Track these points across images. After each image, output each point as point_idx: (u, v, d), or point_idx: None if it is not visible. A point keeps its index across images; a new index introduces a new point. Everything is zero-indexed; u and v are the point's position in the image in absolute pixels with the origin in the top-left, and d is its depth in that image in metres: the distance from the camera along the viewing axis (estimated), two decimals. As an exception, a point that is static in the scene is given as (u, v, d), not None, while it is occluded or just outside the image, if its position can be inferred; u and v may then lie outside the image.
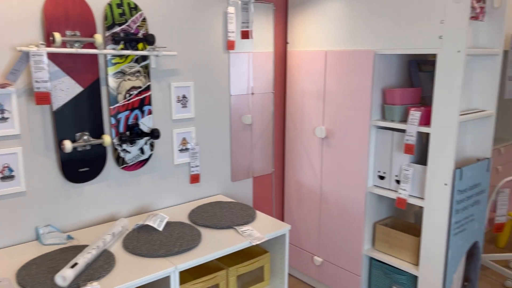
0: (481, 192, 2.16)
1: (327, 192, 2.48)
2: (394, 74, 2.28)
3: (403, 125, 2.09)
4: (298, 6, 2.50)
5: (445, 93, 1.91)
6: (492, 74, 2.11)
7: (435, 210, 2.01)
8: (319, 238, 2.57)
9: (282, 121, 2.71)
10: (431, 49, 1.94)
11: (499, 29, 2.05)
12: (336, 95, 2.35)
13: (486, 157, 2.18)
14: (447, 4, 1.85)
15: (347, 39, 2.27)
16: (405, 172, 2.13)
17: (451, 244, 2.01)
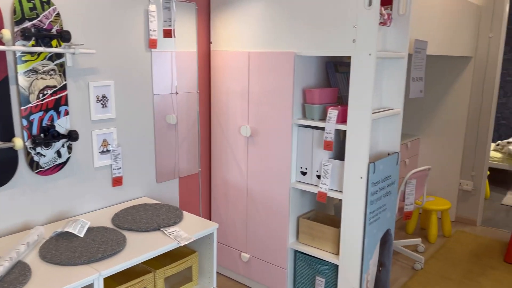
0: (392, 183, 2.36)
1: (253, 189, 2.54)
2: (313, 75, 2.40)
3: (322, 123, 2.21)
4: (221, 6, 2.52)
5: (359, 93, 2.05)
6: (399, 76, 2.31)
7: (352, 202, 2.15)
8: (246, 235, 2.62)
9: (207, 120, 2.71)
10: (346, 51, 2.07)
11: (404, 34, 2.25)
12: (259, 95, 2.41)
13: (395, 151, 2.39)
14: (359, 10, 1.99)
15: (269, 41, 2.34)
16: (325, 168, 2.25)
17: (367, 233, 2.17)
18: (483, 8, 3.60)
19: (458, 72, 3.75)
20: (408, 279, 2.88)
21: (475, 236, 3.61)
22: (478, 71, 3.69)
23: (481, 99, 3.71)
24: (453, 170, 3.89)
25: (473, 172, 3.83)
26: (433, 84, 3.90)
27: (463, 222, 3.92)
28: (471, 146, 3.81)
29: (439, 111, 3.90)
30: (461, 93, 3.76)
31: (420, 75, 2.46)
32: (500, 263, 3.12)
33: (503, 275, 2.96)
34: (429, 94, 3.93)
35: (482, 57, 3.66)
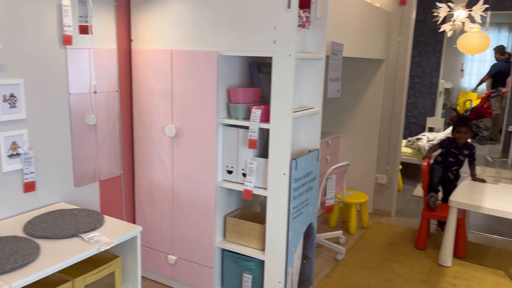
0: (313, 179, 2.46)
1: (178, 190, 2.50)
2: (237, 75, 2.43)
3: (247, 122, 2.25)
4: (142, 3, 2.45)
5: (280, 93, 2.12)
6: (317, 76, 2.42)
7: (276, 198, 2.22)
8: (173, 236, 2.58)
9: (129, 120, 2.62)
10: (267, 52, 2.12)
11: (322, 37, 2.37)
12: (183, 94, 2.39)
13: (316, 148, 2.50)
14: (279, 12, 2.05)
15: (192, 40, 2.33)
16: (250, 166, 2.29)
17: (291, 228, 2.24)
18: (393, 15, 3.90)
19: (372, 74, 4.02)
20: (331, 270, 3.03)
21: (390, 226, 3.90)
22: (389, 73, 3.99)
23: (393, 99, 4.01)
24: (370, 165, 4.16)
25: (387, 166, 4.13)
26: (350, 85, 4.14)
27: (379, 213, 4.21)
28: (385, 142, 4.11)
29: (356, 110, 4.15)
30: (375, 93, 4.04)
31: (337, 76, 2.60)
32: (411, 250, 3.40)
33: (414, 260, 3.23)
34: (347, 94, 4.17)
35: (393, 60, 3.96)
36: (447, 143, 3.58)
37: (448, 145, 3.57)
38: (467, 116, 7.86)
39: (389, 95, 4.02)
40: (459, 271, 3.07)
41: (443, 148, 3.59)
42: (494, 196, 3.14)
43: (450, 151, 3.56)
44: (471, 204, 2.98)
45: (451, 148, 3.55)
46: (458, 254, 3.25)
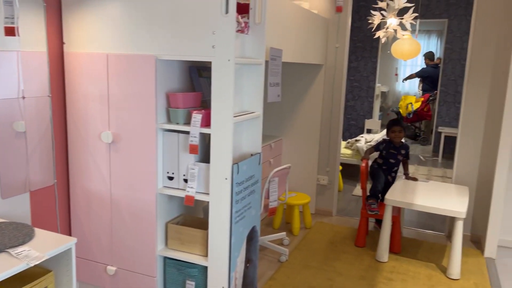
0: (255, 182, 2.49)
1: (117, 198, 2.42)
2: (177, 79, 2.39)
3: (187, 127, 2.23)
4: (75, 4, 2.35)
5: (220, 97, 2.12)
6: (257, 81, 2.45)
7: (218, 203, 2.21)
8: (112, 246, 2.49)
9: (63, 127, 2.50)
10: (206, 57, 2.12)
11: (261, 42, 2.40)
12: (120, 99, 2.31)
13: (257, 152, 2.52)
14: (217, 17, 2.06)
15: (129, 43, 2.26)
16: (192, 171, 2.27)
17: (234, 232, 2.25)
18: (330, 21, 4.04)
19: (312, 79, 4.14)
20: (275, 272, 3.07)
21: (332, 225, 4.03)
22: (328, 78, 4.13)
23: (332, 102, 4.16)
24: (311, 167, 4.27)
25: (328, 168, 4.27)
26: (291, 89, 4.23)
27: (321, 213, 4.33)
28: (325, 145, 4.24)
29: (297, 114, 4.24)
30: (315, 97, 4.16)
31: (276, 81, 2.64)
32: (352, 248, 3.53)
33: (354, 257, 3.36)
34: (288, 98, 4.25)
35: (331, 65, 4.10)
36: (384, 145, 3.75)
37: (386, 147, 3.74)
38: (411, 119, 8.36)
39: (328, 99, 4.16)
40: (395, 265, 3.24)
41: (381, 151, 3.76)
42: (425, 193, 3.34)
43: (390, 152, 3.73)
44: (404, 202, 3.15)
45: (389, 149, 3.73)
46: (394, 249, 3.43)
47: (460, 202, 3.16)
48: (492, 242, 3.42)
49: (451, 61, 7.16)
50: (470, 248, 3.61)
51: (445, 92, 7.27)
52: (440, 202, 3.15)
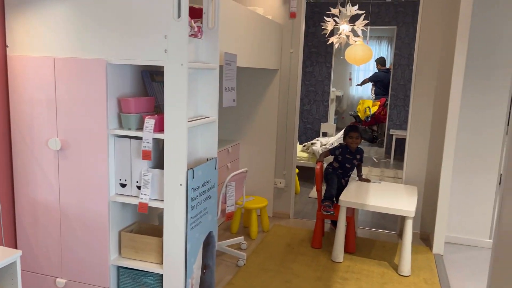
0: (212, 187, 2.47)
1: (66, 207, 2.33)
2: (129, 84, 2.34)
3: (140, 132, 2.18)
4: (19, 6, 2.24)
5: (174, 102, 2.09)
6: (212, 86, 2.44)
7: (173, 209, 2.18)
8: (62, 257, 2.39)
9: (7, 133, 2.37)
10: (159, 61, 2.09)
11: (215, 47, 2.39)
12: (69, 104, 2.23)
13: (213, 157, 2.51)
14: (169, 21, 2.04)
15: (78, 47, 2.19)
16: (145, 178, 2.23)
17: (189, 238, 2.22)
18: (284, 27, 4.10)
19: (268, 83, 4.19)
20: (233, 277, 3.06)
21: (289, 228, 4.07)
22: (283, 82, 4.19)
23: (287, 106, 4.22)
24: (269, 170, 4.31)
25: (285, 171, 4.32)
26: (248, 94, 4.25)
27: (279, 216, 4.37)
28: (281, 148, 4.29)
29: (254, 118, 4.27)
30: (271, 101, 4.20)
31: (232, 86, 2.65)
32: (308, 249, 3.59)
33: (310, 259, 3.42)
34: (244, 102, 4.27)
35: (286, 70, 4.16)
36: (340, 150, 3.83)
37: (343, 152, 3.82)
38: (369, 122, 8.63)
39: (283, 103, 4.22)
40: (349, 265, 3.32)
41: (336, 155, 3.82)
42: (377, 194, 3.46)
43: (346, 157, 3.81)
44: (358, 203, 3.25)
45: (346, 154, 3.81)
46: (349, 249, 3.52)
47: (409, 201, 3.30)
48: (439, 239, 3.59)
49: (401, 66, 7.47)
50: (419, 246, 3.77)
51: (396, 96, 7.58)
52: (391, 202, 3.27)
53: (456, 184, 3.74)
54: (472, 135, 3.70)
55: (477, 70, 3.62)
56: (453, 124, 3.43)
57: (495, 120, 3.63)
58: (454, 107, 3.41)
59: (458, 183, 3.75)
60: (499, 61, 3.57)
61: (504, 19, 3.52)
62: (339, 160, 3.82)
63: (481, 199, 3.75)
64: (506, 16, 3.51)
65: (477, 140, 3.69)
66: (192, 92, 2.40)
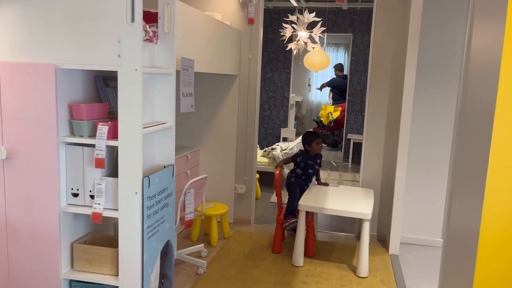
0: (169, 195, 2.42)
1: (14, 219, 2.20)
2: (81, 89, 2.26)
3: (93, 140, 2.11)
4: (-42, 6, 2.11)
5: (128, 108, 2.04)
6: (169, 91, 2.40)
7: (128, 219, 2.11)
8: (9, 273, 2.25)
9: None
10: (112, 66, 2.03)
11: (171, 52, 2.36)
12: (16, 111, 2.12)
13: (170, 164, 2.46)
14: (122, 25, 1.98)
15: (25, 51, 2.09)
16: (99, 186, 2.15)
17: (146, 248, 2.16)
18: (243, 33, 4.12)
19: (227, 89, 4.18)
20: (192, 285, 3.01)
21: (250, 233, 4.06)
22: (243, 88, 4.19)
23: (247, 112, 4.23)
24: (229, 176, 4.29)
25: (245, 176, 4.32)
26: (207, 99, 4.22)
27: (240, 222, 4.36)
28: (241, 154, 4.29)
29: (214, 124, 4.24)
30: (231, 107, 4.20)
31: (189, 91, 2.62)
32: (269, 254, 3.60)
33: (271, 264, 3.42)
34: (204, 108, 4.24)
35: (245, 76, 4.17)
36: (302, 157, 3.84)
37: (304, 158, 3.84)
38: (331, 127, 8.79)
39: (243, 108, 4.22)
40: (309, 269, 3.35)
41: (298, 162, 3.81)
42: (335, 197, 3.52)
43: (308, 163, 3.84)
44: (317, 207, 3.29)
45: (307, 160, 3.84)
46: (309, 253, 3.55)
47: (366, 204, 3.38)
48: (395, 240, 3.70)
49: (357, 73, 7.69)
50: (376, 247, 3.87)
51: (353, 101, 7.78)
52: (349, 205, 3.34)
53: (410, 186, 3.88)
54: (424, 139, 3.85)
55: (429, 78, 3.78)
56: (405, 129, 3.56)
57: (446, 127, 3.80)
58: (406, 114, 3.54)
59: (412, 186, 3.89)
60: (450, 64, 3.74)
61: (455, 25, 3.70)
62: (302, 167, 3.84)
63: (433, 200, 3.91)
64: (457, 22, 3.69)
65: (429, 145, 3.85)
66: (148, 98, 2.35)
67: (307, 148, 3.85)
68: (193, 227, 3.80)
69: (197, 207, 3.23)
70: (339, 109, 8.74)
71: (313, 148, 3.82)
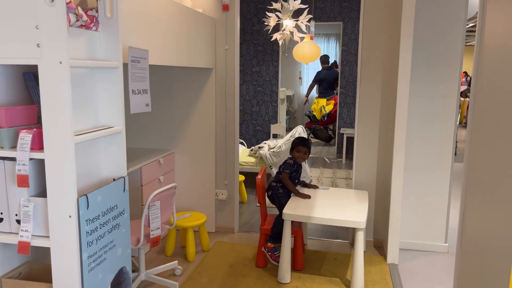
0: (120, 214, 2.01)
1: None
2: (4, 89, 1.84)
3: (14, 152, 1.69)
4: None
5: (53, 112, 1.62)
6: (115, 89, 1.99)
7: (62, 248, 1.70)
8: None
9: None
10: (30, 59, 1.61)
11: (115, 41, 1.94)
12: None
13: (121, 176, 2.05)
14: (40, 6, 1.56)
15: None
16: (25, 209, 1.74)
17: (89, 281, 1.75)
18: (217, 21, 3.69)
19: (202, 84, 3.75)
20: (160, 313, 2.61)
21: (232, 244, 3.66)
22: (220, 82, 3.77)
23: (225, 108, 3.81)
24: (208, 181, 3.87)
25: (226, 181, 3.91)
26: (181, 96, 3.80)
27: (223, 231, 3.95)
28: (222, 155, 3.87)
29: (190, 123, 3.83)
30: (207, 104, 3.78)
31: (143, 87, 2.20)
32: (252, 269, 3.19)
33: (254, 281, 3.02)
34: (178, 106, 3.82)
35: (222, 68, 3.75)
36: (295, 167, 3.31)
37: (297, 168, 3.34)
38: (325, 122, 8.37)
39: (221, 105, 3.81)
40: (297, 285, 2.95)
41: (292, 172, 3.29)
42: (325, 203, 3.12)
43: (298, 172, 3.39)
44: (303, 215, 2.88)
45: (299, 169, 3.37)
46: (297, 267, 3.15)
47: (359, 210, 2.98)
48: (393, 248, 3.31)
49: (349, 63, 7.27)
50: (373, 255, 3.48)
51: (345, 94, 7.38)
52: (340, 212, 2.94)
53: (408, 186, 3.49)
54: (423, 133, 3.45)
55: (425, 68, 3.37)
56: (401, 125, 3.15)
57: (447, 121, 3.40)
58: (402, 107, 3.13)
59: (410, 185, 3.50)
60: (447, 53, 3.34)
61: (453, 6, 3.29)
62: (293, 176, 3.36)
63: (434, 201, 3.51)
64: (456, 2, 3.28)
65: (428, 140, 3.45)
66: (89, 98, 1.93)
67: (294, 155, 3.30)
68: (168, 240, 3.40)
69: (165, 221, 2.83)
70: (332, 102, 8.33)
71: (298, 155, 3.28)
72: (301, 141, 3.35)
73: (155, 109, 3.84)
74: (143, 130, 3.89)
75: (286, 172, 3.26)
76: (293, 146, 3.35)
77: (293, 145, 3.36)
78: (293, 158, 3.33)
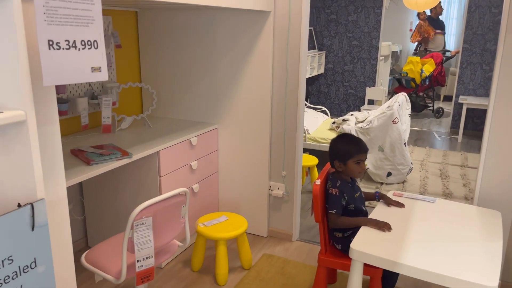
0: (24, 270, 1.11)
1: None
2: None
3: None
4: None
5: None
6: (7, 40, 1.04)
7: None
8: None
9: None
10: None
11: None
12: None
13: (31, 202, 1.13)
14: None
15: None
16: None
17: None
18: None
19: (255, 36, 2.65)
20: None
21: (285, 262, 2.65)
22: (279, 33, 2.63)
23: (286, 71, 2.68)
24: (261, 169, 2.86)
25: (284, 171, 2.85)
26: (223, 53, 2.76)
27: (277, 237, 2.95)
28: (279, 137, 2.80)
29: (237, 92, 2.79)
30: (261, 64, 2.68)
31: (85, 37, 1.19)
32: (303, 312, 2.17)
33: (301, 338, 2.00)
34: (222, 68, 2.79)
35: (282, 13, 2.59)
36: (348, 190, 2.08)
37: (347, 190, 2.07)
38: (426, 86, 6.71)
39: (280, 67, 2.69)
40: None
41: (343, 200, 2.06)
42: (424, 234, 1.90)
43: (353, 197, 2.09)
44: (384, 258, 1.73)
45: (351, 192, 2.09)
46: (371, 325, 2.04)
47: (488, 257, 1.72)
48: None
49: (479, 9, 5.46)
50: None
51: (470, 50, 5.62)
52: (449, 258, 1.71)
53: None
54: None
55: None
56: None
57: None
58: None
59: None
60: None
61: None
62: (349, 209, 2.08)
63: None
64: None
65: None
66: None
67: (344, 170, 2.08)
68: (195, 250, 2.51)
69: (168, 242, 1.92)
70: (429, 61, 6.55)
71: (355, 171, 2.07)
72: (360, 146, 2.06)
73: (187, 70, 2.87)
74: (173, 97, 2.97)
75: (333, 213, 2.04)
76: (344, 153, 2.06)
77: (344, 152, 2.06)
78: (340, 178, 2.10)
